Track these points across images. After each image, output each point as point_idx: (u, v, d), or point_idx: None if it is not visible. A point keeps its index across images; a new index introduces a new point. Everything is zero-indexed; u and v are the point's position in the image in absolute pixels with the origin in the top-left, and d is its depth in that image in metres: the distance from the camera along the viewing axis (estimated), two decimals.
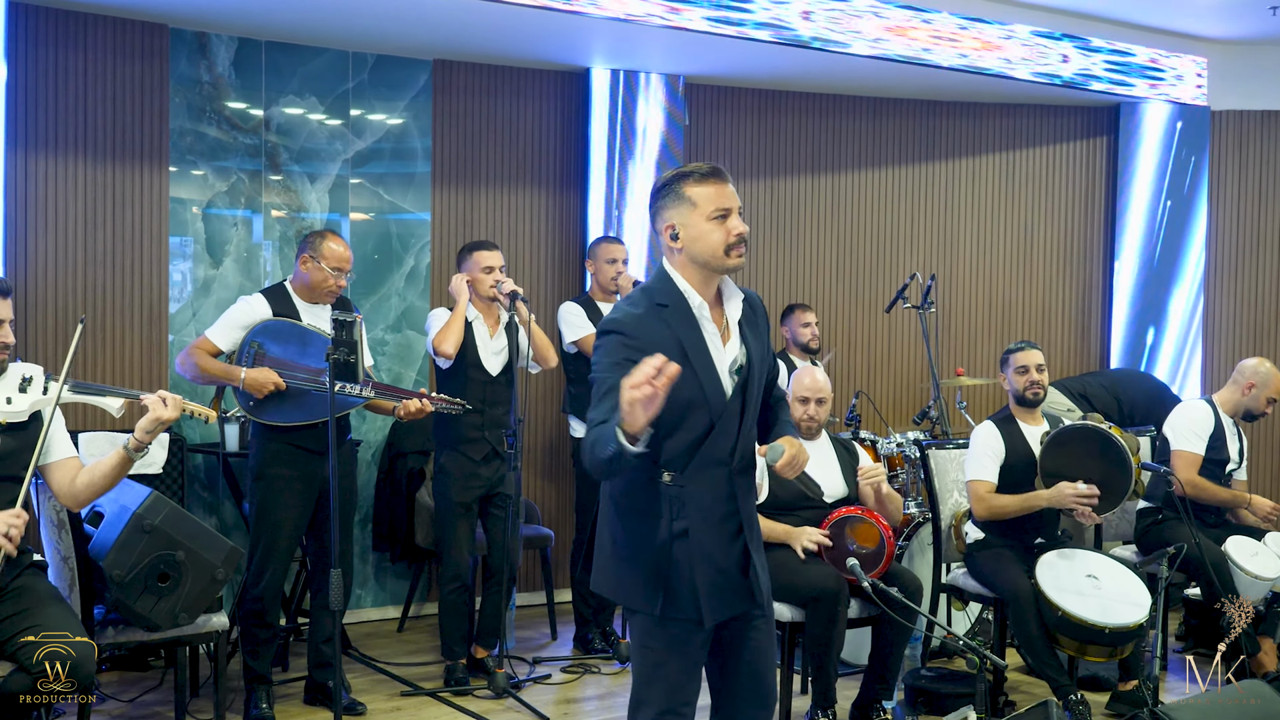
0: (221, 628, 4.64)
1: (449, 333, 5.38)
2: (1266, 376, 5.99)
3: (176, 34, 6.15)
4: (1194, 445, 5.87)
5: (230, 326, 4.97)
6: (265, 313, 5.00)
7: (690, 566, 3.11)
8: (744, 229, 3.16)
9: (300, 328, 4.96)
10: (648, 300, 3.15)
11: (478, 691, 5.45)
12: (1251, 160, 8.37)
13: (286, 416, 4.93)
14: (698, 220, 3.14)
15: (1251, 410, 6.00)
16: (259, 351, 4.91)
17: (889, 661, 4.96)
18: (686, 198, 3.15)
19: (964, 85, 7.66)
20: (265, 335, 4.94)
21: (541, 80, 7.11)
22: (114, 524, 4.39)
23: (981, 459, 5.30)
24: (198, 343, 4.97)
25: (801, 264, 7.83)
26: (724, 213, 3.15)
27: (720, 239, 3.13)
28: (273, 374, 4.85)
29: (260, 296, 5.06)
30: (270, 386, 4.84)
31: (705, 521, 3.13)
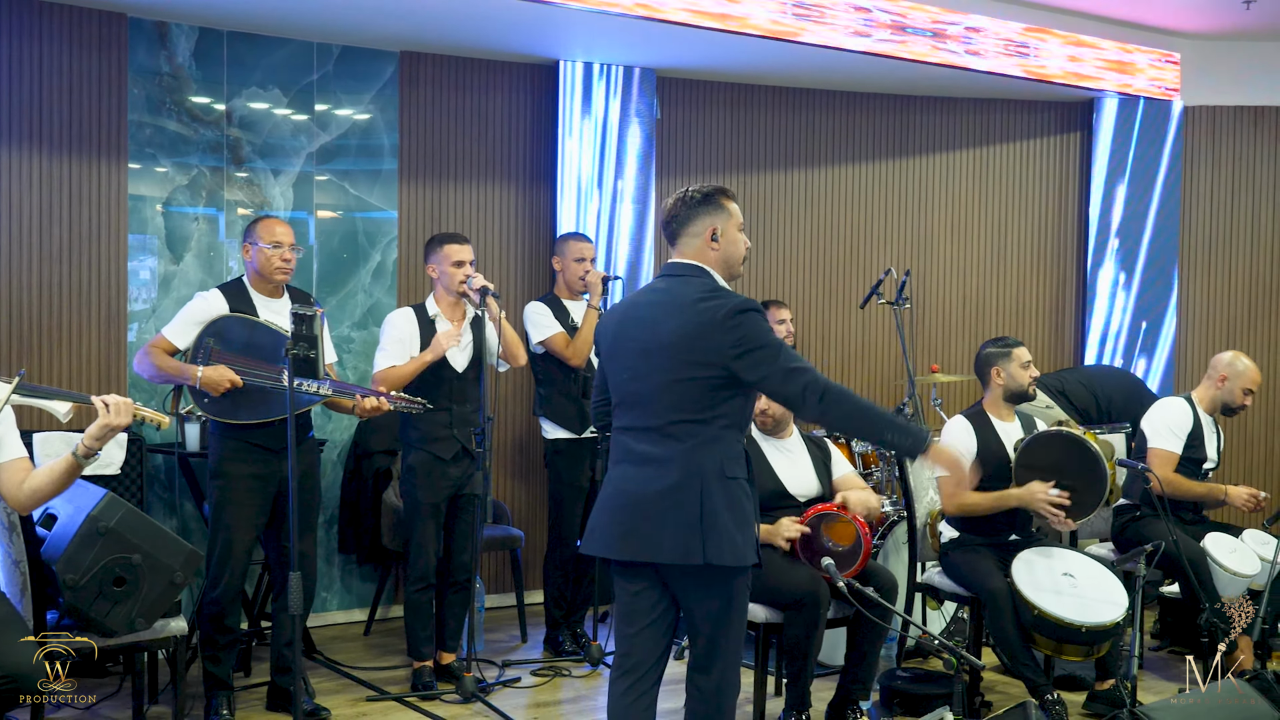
0: (180, 632, 4.54)
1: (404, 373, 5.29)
2: (1239, 369, 5.95)
3: (135, 24, 6.01)
4: (1170, 444, 5.83)
5: (187, 323, 4.87)
6: (222, 308, 4.90)
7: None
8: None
9: (256, 324, 4.85)
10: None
11: (445, 696, 5.35)
12: (1224, 155, 8.34)
13: (243, 414, 4.82)
14: (732, 229, 3.75)
15: (1228, 404, 5.96)
16: (214, 348, 4.80)
17: (864, 662, 4.90)
18: (725, 208, 3.74)
19: (938, 80, 7.60)
20: (220, 332, 4.83)
21: (510, 73, 7.01)
22: (68, 526, 4.28)
23: None
24: (155, 341, 4.87)
25: (774, 260, 7.76)
26: (742, 227, 3.79)
27: (743, 249, 3.80)
28: (229, 372, 4.74)
29: (217, 292, 4.97)
30: (226, 384, 4.72)
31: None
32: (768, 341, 3.54)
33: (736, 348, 3.54)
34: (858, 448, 6.29)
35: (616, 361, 3.72)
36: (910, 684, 5.30)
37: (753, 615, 4.92)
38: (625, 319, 3.74)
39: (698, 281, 3.67)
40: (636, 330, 3.67)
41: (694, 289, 3.65)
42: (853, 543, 4.81)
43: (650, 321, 3.64)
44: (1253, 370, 5.98)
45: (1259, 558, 5.52)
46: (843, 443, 6.20)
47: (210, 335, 4.82)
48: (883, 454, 6.31)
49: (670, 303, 3.65)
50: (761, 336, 3.55)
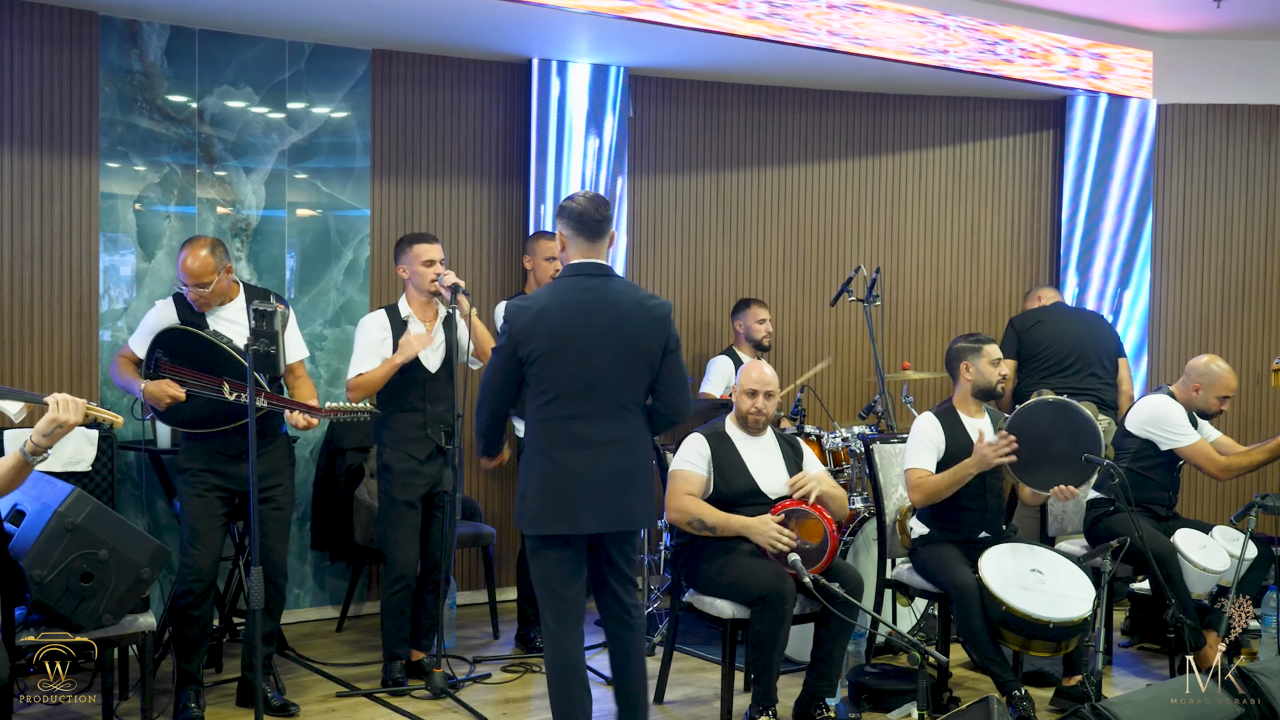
0: (149, 628, 4.55)
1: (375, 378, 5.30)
2: (1212, 377, 5.91)
3: (106, 21, 6.00)
4: (1192, 437, 5.84)
5: (144, 333, 4.94)
6: (171, 318, 4.93)
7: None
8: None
9: (199, 336, 4.86)
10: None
11: (415, 692, 5.36)
12: (1196, 154, 8.39)
13: (191, 424, 4.87)
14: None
15: (1203, 410, 5.94)
16: (162, 359, 4.85)
17: (831, 658, 4.92)
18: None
19: (910, 78, 7.63)
20: (164, 344, 4.86)
21: (483, 71, 7.02)
22: (35, 523, 4.30)
23: (919, 448, 5.27)
24: (122, 350, 5.00)
25: (747, 257, 7.78)
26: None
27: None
28: (171, 386, 4.76)
29: (169, 303, 5.01)
30: (167, 399, 4.76)
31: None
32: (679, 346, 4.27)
33: (668, 346, 4.21)
34: (828, 445, 6.31)
35: (560, 357, 4.11)
36: (878, 680, 5.32)
37: (719, 611, 4.95)
38: (568, 317, 4.13)
39: (625, 281, 4.32)
40: (587, 328, 4.12)
41: (632, 289, 4.27)
42: (820, 540, 4.84)
43: (604, 319, 4.13)
44: (1227, 376, 5.94)
45: (1228, 554, 5.54)
46: (813, 440, 6.23)
47: (158, 347, 4.86)
48: (853, 451, 6.33)
49: (619, 302, 4.18)
50: (679, 340, 4.28)
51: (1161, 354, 8.32)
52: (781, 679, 4.89)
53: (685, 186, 7.62)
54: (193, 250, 4.88)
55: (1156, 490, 5.87)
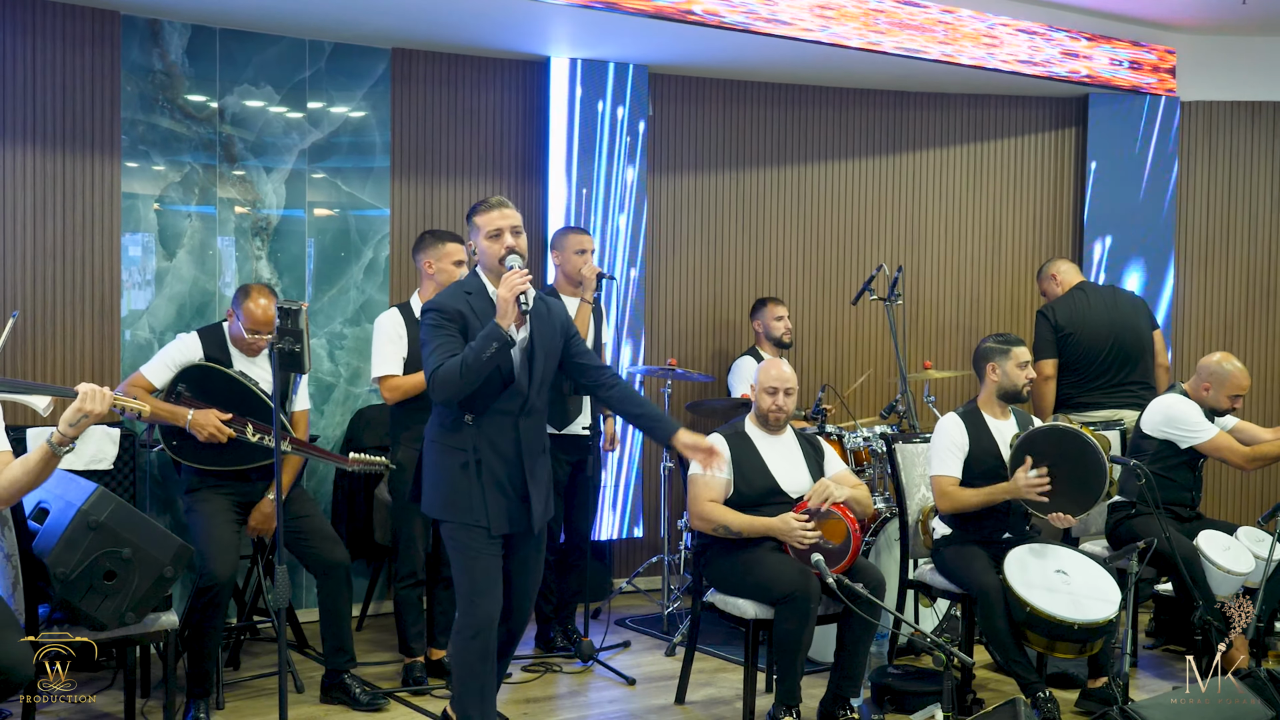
0: (171, 626, 4.55)
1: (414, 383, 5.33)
2: (1223, 375, 5.83)
3: (128, 21, 6.01)
4: (1210, 431, 5.77)
5: (164, 365, 5.01)
6: (196, 352, 5.04)
7: (484, 488, 4.14)
8: (512, 243, 4.17)
9: (227, 376, 4.97)
10: (460, 290, 4.24)
11: (435, 691, 5.35)
12: (1220, 151, 8.33)
13: (204, 460, 4.97)
14: (481, 240, 4.23)
15: (1215, 409, 5.88)
16: (184, 394, 4.93)
17: (855, 658, 4.90)
18: (474, 224, 4.26)
19: (932, 75, 7.60)
20: (190, 380, 4.96)
21: (502, 70, 7.01)
22: (59, 521, 4.29)
23: (945, 453, 5.23)
24: (134, 379, 5.01)
25: (767, 256, 7.75)
26: (496, 232, 4.19)
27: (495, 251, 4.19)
28: (219, 421, 4.87)
29: (195, 338, 5.10)
30: (212, 429, 4.86)
31: (495, 456, 4.16)
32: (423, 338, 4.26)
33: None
34: (850, 445, 6.28)
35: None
36: (901, 681, 5.29)
37: (742, 611, 4.93)
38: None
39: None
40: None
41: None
42: (842, 540, 4.82)
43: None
44: (1238, 375, 5.85)
45: (1253, 555, 5.50)
46: (835, 440, 6.20)
47: (182, 381, 4.95)
48: (874, 450, 6.30)
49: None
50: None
51: (1186, 352, 8.26)
52: (805, 679, 4.87)
53: (705, 185, 7.60)
54: (256, 298, 5.03)
55: (1178, 491, 5.82)
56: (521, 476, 4.21)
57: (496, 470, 4.17)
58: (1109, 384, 6.69)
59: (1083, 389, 6.68)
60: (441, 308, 4.16)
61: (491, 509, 4.16)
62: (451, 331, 4.11)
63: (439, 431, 4.25)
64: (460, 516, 4.18)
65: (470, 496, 4.16)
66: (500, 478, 4.18)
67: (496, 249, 4.17)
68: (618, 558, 7.34)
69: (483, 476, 4.16)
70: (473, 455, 4.15)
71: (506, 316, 4.00)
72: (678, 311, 7.54)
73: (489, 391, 4.13)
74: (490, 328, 4.00)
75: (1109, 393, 6.66)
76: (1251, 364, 8.27)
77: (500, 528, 4.19)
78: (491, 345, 3.98)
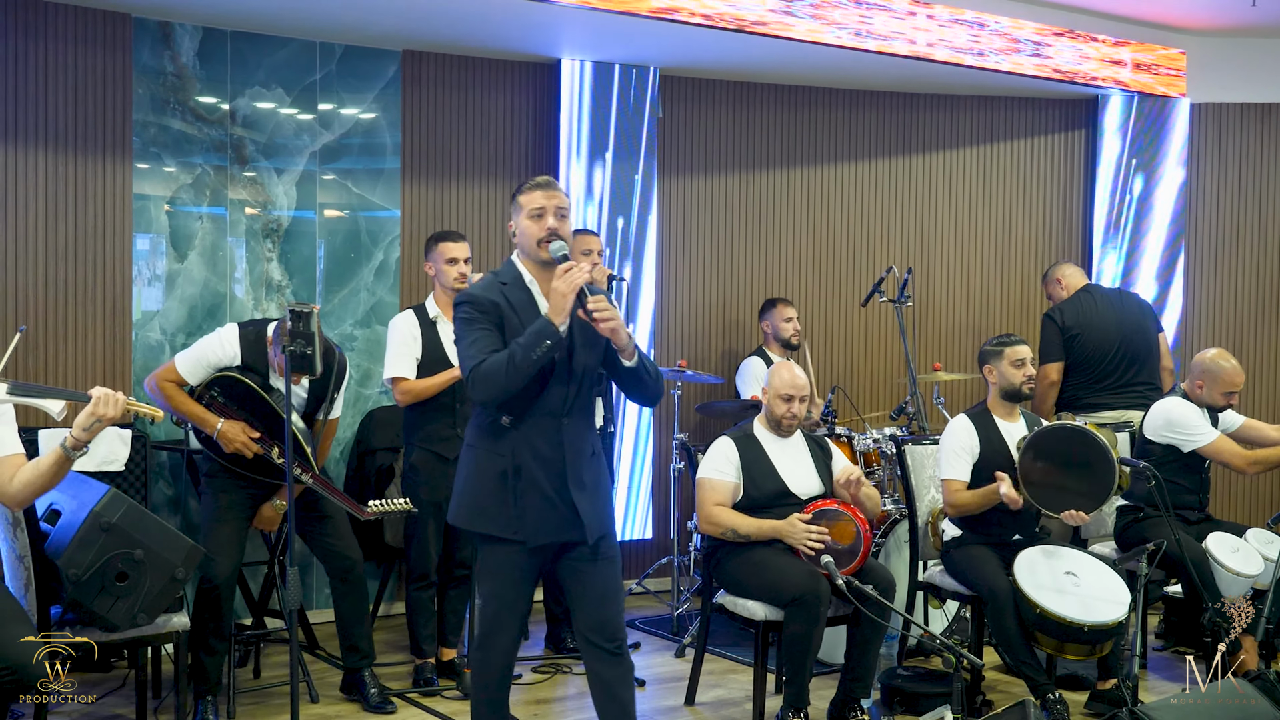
0: (183, 627, 4.57)
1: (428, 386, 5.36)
2: (1215, 373, 5.79)
3: (139, 23, 6.03)
4: (1210, 434, 5.74)
5: (199, 364, 4.96)
6: (234, 355, 4.97)
7: (521, 495, 3.77)
8: (554, 225, 3.83)
9: (257, 394, 4.92)
10: (495, 280, 3.89)
11: (446, 692, 5.37)
12: (1230, 153, 8.32)
13: (234, 460, 4.96)
14: (522, 220, 3.87)
15: (1211, 406, 5.85)
16: (215, 399, 4.91)
17: (866, 659, 4.91)
18: (517, 203, 3.89)
19: (941, 77, 7.60)
20: (224, 388, 4.93)
21: (512, 72, 7.02)
22: (71, 522, 4.31)
23: (953, 457, 5.23)
24: (165, 372, 4.96)
25: (777, 258, 7.76)
26: (539, 211, 3.84)
27: (535, 234, 3.84)
28: (247, 438, 4.86)
29: (235, 337, 5.02)
30: (240, 445, 4.86)
31: (536, 461, 3.78)
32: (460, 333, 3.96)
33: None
34: (859, 446, 6.29)
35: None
36: (911, 682, 5.29)
37: (752, 613, 4.93)
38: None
39: None
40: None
41: None
42: (852, 541, 4.82)
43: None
44: (1231, 372, 5.79)
45: (1262, 557, 5.49)
46: (844, 442, 6.20)
47: (217, 386, 4.92)
48: (884, 452, 6.30)
49: None
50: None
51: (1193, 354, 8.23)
52: (813, 680, 4.87)
53: (714, 186, 7.61)
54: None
55: (1184, 494, 5.80)
56: (566, 482, 3.81)
57: (538, 476, 3.78)
58: (1116, 384, 6.67)
59: (1090, 390, 6.67)
60: (475, 299, 3.82)
61: (529, 518, 3.78)
62: (487, 325, 3.77)
63: (476, 436, 3.90)
64: (487, 527, 3.84)
65: (503, 506, 3.79)
66: (543, 484, 3.78)
67: (537, 230, 3.82)
68: (627, 559, 7.34)
69: (521, 484, 3.78)
70: (511, 461, 3.78)
71: (562, 313, 3.65)
72: (687, 313, 7.55)
73: (528, 390, 3.77)
74: (542, 324, 3.66)
75: (1117, 393, 6.65)
76: (1261, 366, 8.27)
77: (539, 537, 3.81)
78: (543, 343, 3.63)
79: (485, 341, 3.74)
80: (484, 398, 3.74)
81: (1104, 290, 7.09)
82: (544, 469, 3.79)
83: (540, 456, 3.79)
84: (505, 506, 3.79)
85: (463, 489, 3.92)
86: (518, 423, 3.79)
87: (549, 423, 3.80)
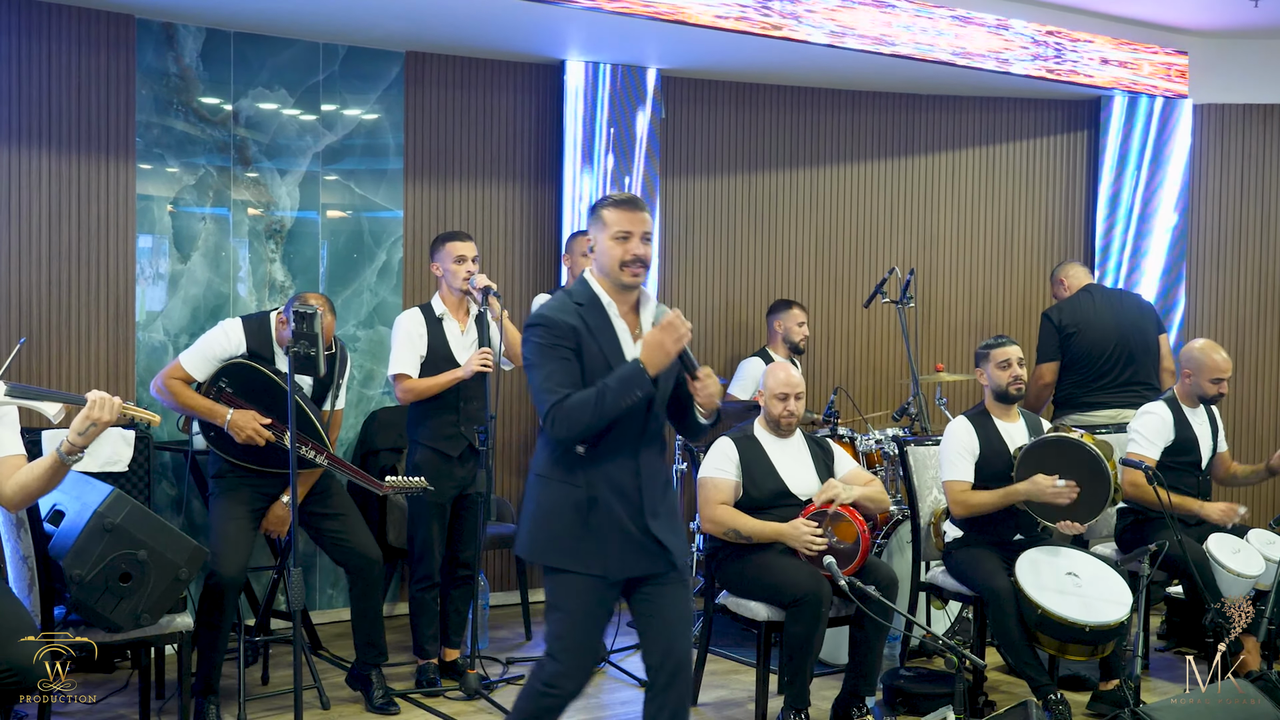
0: (186, 628, 4.57)
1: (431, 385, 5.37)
2: (1199, 362, 5.78)
3: (143, 25, 6.04)
4: (1148, 450, 5.71)
5: (205, 359, 4.98)
6: (239, 345, 4.99)
7: (598, 528, 3.63)
8: (640, 251, 3.66)
9: (271, 380, 4.94)
10: (569, 301, 3.70)
11: (449, 693, 5.38)
12: (1233, 154, 8.32)
13: (243, 455, 4.97)
14: (605, 239, 3.67)
15: (1202, 396, 5.81)
16: (225, 389, 4.92)
17: (867, 659, 4.91)
18: (601, 219, 3.69)
19: (944, 78, 7.60)
20: (233, 377, 4.94)
21: (515, 73, 7.03)
22: (75, 523, 4.31)
23: (955, 458, 5.23)
24: (172, 370, 4.98)
25: (780, 259, 7.76)
26: (625, 235, 3.65)
27: (617, 255, 3.66)
28: (259, 425, 4.87)
29: (239, 327, 5.04)
30: (251, 432, 4.86)
31: (611, 491, 3.63)
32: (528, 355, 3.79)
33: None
34: (861, 447, 6.29)
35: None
36: (913, 683, 5.30)
37: (754, 613, 4.94)
38: None
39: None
40: None
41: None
42: (853, 542, 4.83)
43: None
44: (1214, 360, 5.77)
45: (1264, 558, 5.49)
46: (846, 442, 6.21)
47: (226, 376, 4.93)
48: (886, 453, 6.31)
49: None
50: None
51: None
52: (815, 681, 4.88)
53: (717, 188, 7.61)
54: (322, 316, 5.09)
55: (1184, 494, 5.80)
56: (642, 512, 3.67)
57: (615, 509, 3.64)
58: (1113, 383, 6.68)
59: (1086, 388, 6.68)
60: (550, 323, 3.63)
61: (610, 552, 3.65)
62: (565, 354, 3.60)
63: (548, 465, 3.72)
64: (564, 561, 3.67)
65: (580, 539, 3.65)
66: (619, 517, 3.64)
67: (619, 253, 3.63)
68: None
69: (597, 517, 3.64)
70: (586, 493, 3.64)
71: (658, 366, 3.51)
72: (691, 315, 7.53)
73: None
74: (636, 373, 3.51)
75: (1113, 392, 6.65)
76: (1264, 368, 8.28)
77: (622, 571, 3.68)
78: (634, 394, 3.50)
79: (564, 374, 3.59)
80: (563, 435, 3.58)
81: (1105, 290, 7.09)
82: (621, 501, 3.65)
83: (617, 488, 3.65)
84: (582, 540, 3.64)
85: (534, 521, 3.74)
86: (593, 451, 3.63)
87: (626, 453, 3.66)
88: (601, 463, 3.63)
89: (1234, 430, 7.74)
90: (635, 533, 3.65)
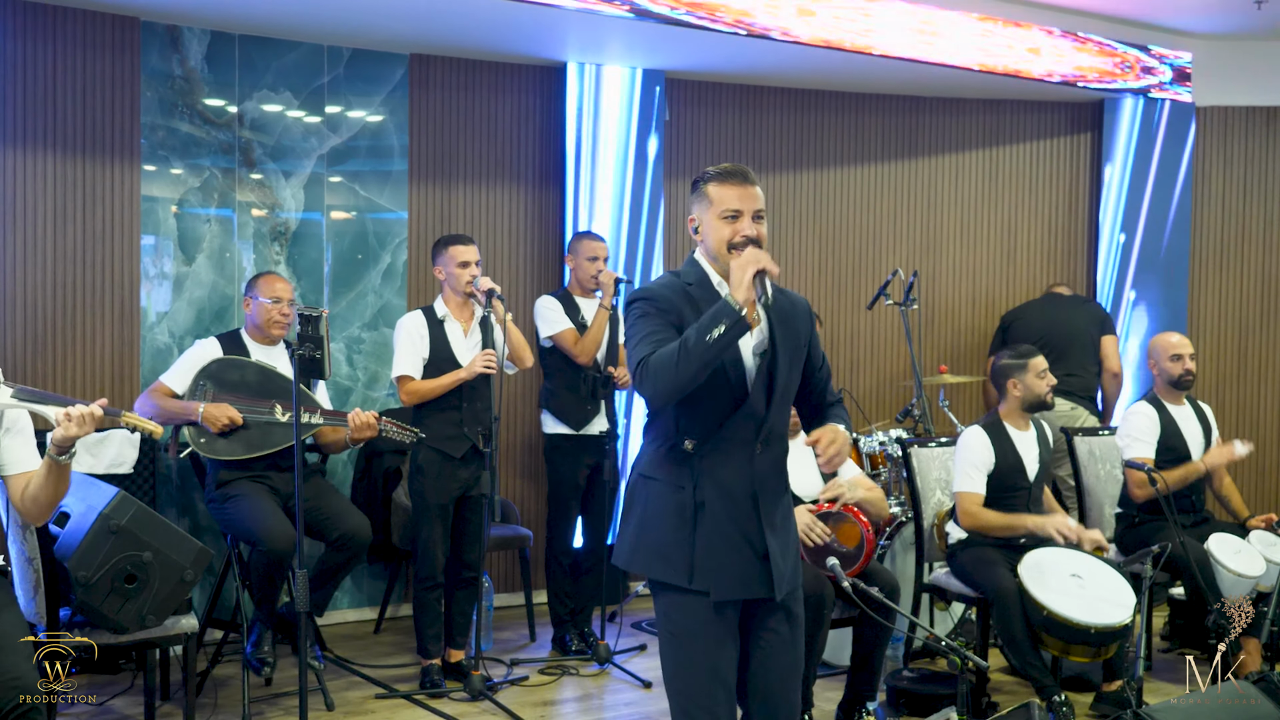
0: (191, 630, 4.58)
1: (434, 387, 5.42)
2: (1155, 345, 5.99)
3: (148, 27, 6.05)
4: (1144, 451, 5.78)
5: (184, 370, 5.18)
6: (216, 351, 5.21)
7: (706, 539, 3.21)
8: (752, 231, 3.28)
9: (247, 363, 5.14)
10: (677, 281, 3.34)
11: (453, 694, 5.38)
12: (1236, 156, 8.33)
13: (235, 451, 5.08)
14: (711, 218, 3.31)
15: (1174, 381, 5.88)
16: (209, 389, 5.09)
17: (871, 662, 4.91)
18: (706, 195, 3.33)
19: (947, 81, 7.60)
20: (212, 375, 5.13)
21: (519, 75, 7.04)
22: (80, 525, 4.33)
23: (970, 469, 5.25)
24: (155, 386, 5.18)
25: (783, 261, 7.76)
26: (734, 214, 3.29)
27: (725, 236, 3.29)
28: (229, 409, 5.03)
29: (214, 340, 5.29)
30: (225, 420, 5.01)
31: (722, 497, 3.22)
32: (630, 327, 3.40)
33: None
34: (865, 449, 6.30)
35: None
36: (917, 684, 5.31)
37: None
38: None
39: None
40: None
41: None
42: (856, 544, 4.83)
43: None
44: (1166, 340, 5.95)
45: (1265, 559, 5.50)
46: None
47: (205, 378, 5.11)
48: (890, 455, 6.31)
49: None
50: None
51: (1201, 358, 8.24)
52: (818, 683, 4.89)
53: None
54: (269, 277, 5.32)
55: (1180, 495, 5.80)
56: (758, 525, 3.24)
57: (721, 516, 3.21)
58: None
59: None
60: (653, 296, 3.26)
61: (714, 567, 3.20)
62: (663, 322, 3.19)
63: (653, 464, 3.31)
64: (663, 573, 3.25)
65: (683, 550, 3.22)
66: (727, 526, 3.21)
67: (727, 233, 3.25)
68: None
69: (703, 524, 3.21)
70: (693, 495, 3.22)
71: (741, 288, 3.06)
72: None
73: (715, 410, 3.22)
74: (720, 304, 3.07)
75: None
76: (1268, 370, 8.28)
77: (726, 592, 3.21)
78: (720, 323, 3.03)
79: (659, 335, 3.17)
80: (652, 392, 3.12)
81: (1057, 295, 7.69)
82: (731, 506, 3.22)
83: (727, 491, 3.22)
84: (684, 548, 3.22)
85: (636, 527, 3.32)
86: (702, 448, 3.22)
87: (740, 452, 3.24)
88: (712, 461, 3.22)
89: (1238, 432, 7.73)
90: (743, 545, 3.23)
